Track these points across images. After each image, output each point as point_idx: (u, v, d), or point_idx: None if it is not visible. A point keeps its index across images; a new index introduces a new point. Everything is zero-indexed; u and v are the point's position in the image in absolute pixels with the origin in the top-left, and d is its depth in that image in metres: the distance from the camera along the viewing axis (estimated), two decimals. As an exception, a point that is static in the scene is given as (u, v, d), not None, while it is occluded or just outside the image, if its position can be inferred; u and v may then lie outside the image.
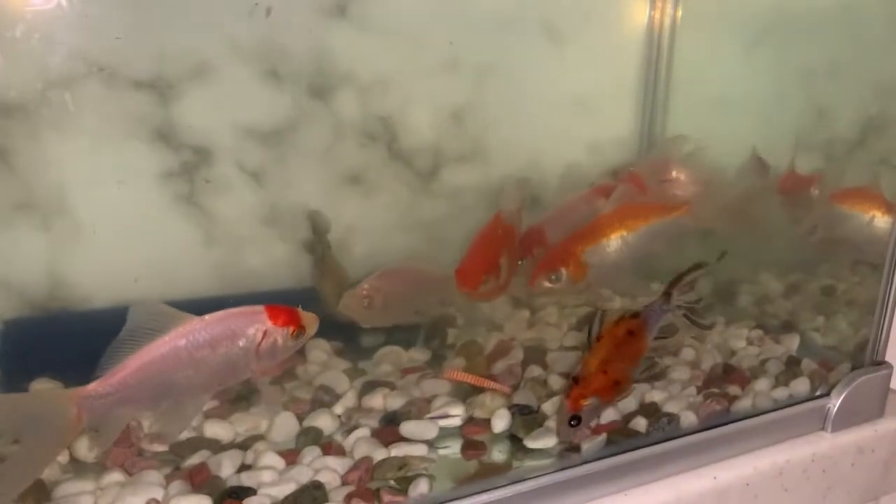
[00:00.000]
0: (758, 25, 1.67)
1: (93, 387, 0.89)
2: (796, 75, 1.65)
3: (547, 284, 1.28)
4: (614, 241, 1.32)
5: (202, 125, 1.32)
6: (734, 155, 1.62)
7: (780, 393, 1.30)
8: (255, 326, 0.95)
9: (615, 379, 1.07)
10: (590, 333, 1.10)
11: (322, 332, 1.33)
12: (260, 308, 0.97)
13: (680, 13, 1.71)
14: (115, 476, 0.99)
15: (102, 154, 1.28)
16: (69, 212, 1.29)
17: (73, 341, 1.26)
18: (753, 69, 1.69)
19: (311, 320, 0.99)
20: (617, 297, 1.58)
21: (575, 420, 1.05)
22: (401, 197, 1.53)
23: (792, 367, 1.37)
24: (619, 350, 1.09)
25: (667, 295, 1.16)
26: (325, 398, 1.20)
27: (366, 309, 1.24)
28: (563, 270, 1.28)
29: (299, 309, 0.99)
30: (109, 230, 1.31)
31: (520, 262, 1.38)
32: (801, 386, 1.31)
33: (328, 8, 1.37)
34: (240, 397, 1.19)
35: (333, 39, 1.39)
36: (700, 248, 1.46)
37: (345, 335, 1.35)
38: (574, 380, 1.06)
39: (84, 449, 1.04)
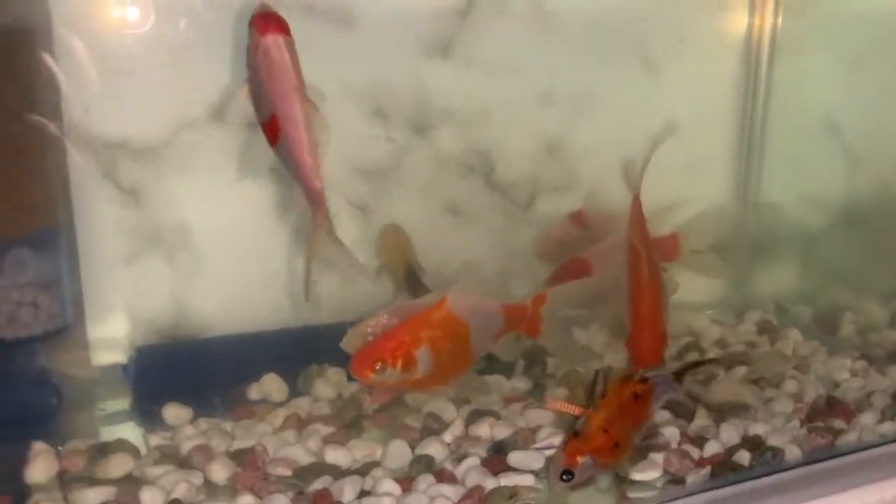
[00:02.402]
0: (860, 44, 1.64)
1: None
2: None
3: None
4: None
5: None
6: (838, 181, 1.59)
7: (888, 427, 1.28)
8: None
9: (616, 440, 1.04)
10: (593, 390, 1.08)
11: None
12: None
13: (779, 34, 1.69)
14: (247, 499, 1.06)
15: (221, 191, 1.38)
16: (191, 246, 1.38)
17: (196, 367, 1.37)
18: (856, 89, 1.65)
19: None
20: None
21: (567, 475, 1.01)
22: (498, 226, 1.57)
23: (899, 400, 1.35)
24: (622, 412, 1.07)
25: (679, 375, 1.15)
26: (433, 426, 1.25)
27: None
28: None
29: None
30: (229, 262, 1.41)
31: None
32: (909, 420, 1.29)
33: (432, 49, 1.44)
34: (353, 423, 1.26)
35: (435, 77, 1.45)
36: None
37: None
38: (574, 433, 1.04)
39: (216, 473, 1.12)
